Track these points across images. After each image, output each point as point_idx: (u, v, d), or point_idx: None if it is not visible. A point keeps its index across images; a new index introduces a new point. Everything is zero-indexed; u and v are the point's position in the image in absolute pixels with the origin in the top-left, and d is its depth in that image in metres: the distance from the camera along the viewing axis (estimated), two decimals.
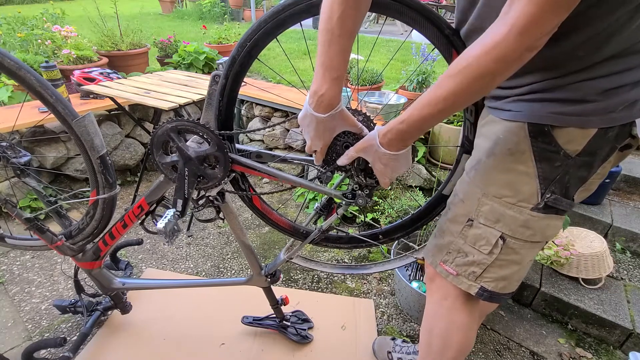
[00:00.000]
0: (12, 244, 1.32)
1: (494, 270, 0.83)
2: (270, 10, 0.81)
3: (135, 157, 2.68)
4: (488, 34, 0.57)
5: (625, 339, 1.54)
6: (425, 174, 2.25)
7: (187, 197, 0.96)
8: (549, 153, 0.71)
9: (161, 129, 0.89)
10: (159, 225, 0.94)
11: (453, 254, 0.88)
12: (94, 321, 1.46)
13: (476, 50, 0.58)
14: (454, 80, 0.61)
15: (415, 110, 0.67)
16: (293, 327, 1.52)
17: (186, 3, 8.47)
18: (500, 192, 0.78)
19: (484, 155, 0.80)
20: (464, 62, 0.59)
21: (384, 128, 0.74)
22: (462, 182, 0.87)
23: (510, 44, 0.54)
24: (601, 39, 0.62)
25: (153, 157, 0.94)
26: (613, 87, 0.65)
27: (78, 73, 2.41)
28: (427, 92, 0.65)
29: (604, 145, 0.70)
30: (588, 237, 1.79)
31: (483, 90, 0.63)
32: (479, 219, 0.82)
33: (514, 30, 0.53)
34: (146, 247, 2.08)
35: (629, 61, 0.64)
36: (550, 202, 0.75)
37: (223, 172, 0.94)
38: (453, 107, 0.64)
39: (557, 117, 0.68)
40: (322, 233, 1.06)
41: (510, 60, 0.57)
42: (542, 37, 0.55)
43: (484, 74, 0.58)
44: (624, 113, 0.66)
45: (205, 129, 0.87)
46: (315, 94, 0.71)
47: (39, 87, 0.94)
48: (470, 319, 0.94)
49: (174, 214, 0.97)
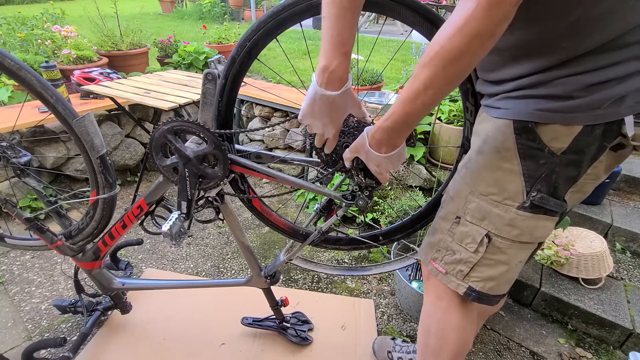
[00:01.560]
0: (12, 244, 1.32)
1: (481, 270, 0.83)
2: (269, 10, 0.81)
3: (135, 157, 2.68)
4: (456, 12, 0.55)
5: (625, 339, 1.54)
6: (425, 174, 2.25)
7: (191, 198, 0.95)
8: (534, 150, 0.71)
9: (157, 132, 0.89)
10: (164, 228, 0.92)
11: (442, 252, 0.88)
12: (94, 321, 1.46)
13: (446, 32, 0.56)
14: (428, 68, 0.59)
15: (398, 107, 0.65)
16: (293, 328, 1.52)
17: (186, 3, 8.47)
18: (487, 190, 0.78)
19: (474, 153, 0.80)
20: (436, 47, 0.57)
21: (372, 128, 0.73)
22: (454, 180, 0.87)
23: (480, 18, 0.53)
24: (584, 28, 0.61)
25: (153, 160, 0.94)
26: (597, 82, 0.63)
27: (78, 73, 2.41)
28: (406, 86, 0.64)
29: (591, 144, 0.69)
30: (588, 237, 1.79)
31: (461, 74, 0.61)
32: (465, 216, 0.82)
33: (482, 3, 0.52)
34: (146, 247, 2.08)
35: (614, 55, 0.62)
36: (537, 201, 0.74)
37: (223, 170, 0.93)
38: (435, 97, 0.62)
39: (542, 113, 0.68)
40: (322, 234, 1.06)
41: (484, 36, 0.54)
42: (512, 8, 0.54)
43: (459, 55, 0.56)
44: (609, 110, 0.64)
45: (201, 127, 0.87)
46: (326, 69, 0.68)
47: (39, 88, 0.94)
48: (465, 320, 0.93)
49: (179, 216, 0.96)
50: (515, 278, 0.89)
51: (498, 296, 0.87)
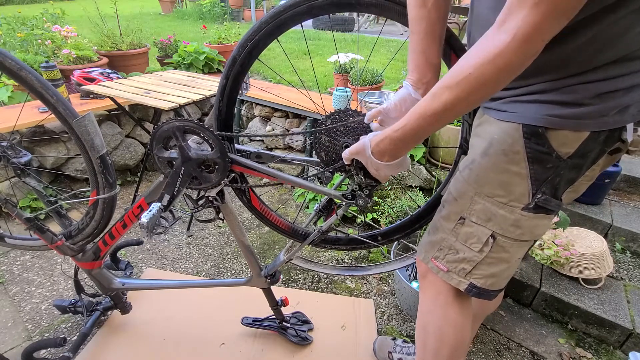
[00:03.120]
0: (12, 244, 1.32)
1: (484, 268, 0.85)
2: (271, 10, 0.81)
3: (135, 157, 2.68)
4: (487, 43, 0.58)
5: (625, 339, 1.54)
6: (425, 174, 2.25)
7: (176, 194, 0.96)
8: (542, 155, 0.72)
9: (168, 125, 0.89)
10: (142, 219, 0.91)
11: (444, 251, 0.89)
12: (94, 321, 1.46)
13: (476, 60, 0.58)
14: (452, 91, 0.61)
15: (411, 120, 0.68)
16: (293, 328, 1.51)
17: (186, 3, 8.47)
18: (493, 191, 0.79)
19: (478, 155, 0.80)
20: (464, 73, 0.60)
21: (378, 136, 0.75)
22: (456, 180, 0.88)
23: (513, 51, 0.55)
24: (601, 44, 0.63)
25: (151, 148, 0.94)
26: (608, 91, 0.65)
27: (78, 73, 2.41)
28: (424, 102, 0.66)
29: (594, 148, 0.71)
30: (588, 237, 1.79)
31: (483, 99, 0.64)
32: (471, 217, 0.83)
33: (517, 38, 0.54)
34: (146, 247, 2.08)
35: (625, 67, 0.64)
36: (541, 203, 0.76)
37: (219, 177, 0.94)
38: (451, 117, 0.65)
39: (553, 119, 0.68)
40: (322, 234, 1.06)
41: (514, 68, 0.57)
42: (544, 43, 0.56)
43: (487, 83, 0.59)
44: (615, 117, 0.67)
45: (210, 132, 0.88)
46: (420, 81, 0.80)
47: (40, 88, 0.94)
48: (463, 316, 0.94)
49: (159, 208, 0.95)
50: (513, 273, 0.91)
51: (497, 291, 0.89)
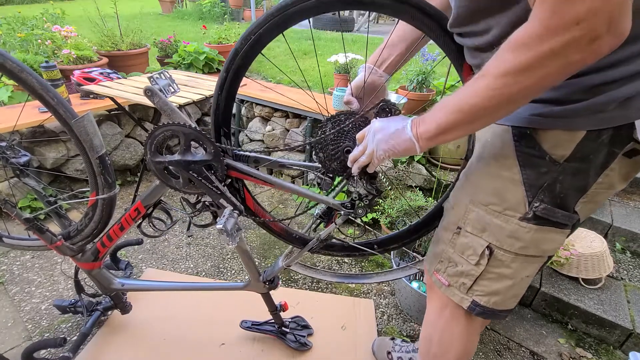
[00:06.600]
0: (11, 244, 1.32)
1: (484, 284, 0.79)
2: (278, 4, 0.77)
3: (135, 157, 2.68)
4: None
5: (625, 339, 1.54)
6: (425, 174, 2.25)
7: (222, 192, 0.92)
8: (534, 158, 0.67)
9: (184, 127, 0.87)
10: (219, 226, 0.87)
11: (445, 263, 0.85)
12: (94, 321, 1.46)
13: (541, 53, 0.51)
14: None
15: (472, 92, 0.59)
16: (292, 333, 1.49)
17: (186, 3, 8.46)
18: (487, 199, 0.74)
19: (474, 160, 0.77)
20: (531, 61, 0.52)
21: (419, 118, 0.67)
22: (455, 188, 0.85)
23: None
24: None
25: (146, 153, 0.92)
26: (599, 83, 0.59)
27: (78, 73, 2.41)
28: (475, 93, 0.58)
29: (598, 150, 0.64)
30: (588, 237, 1.79)
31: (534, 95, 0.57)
32: (466, 227, 0.79)
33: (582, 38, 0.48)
34: (146, 247, 2.08)
35: (615, 54, 0.55)
36: (540, 212, 0.69)
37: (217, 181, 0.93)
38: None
39: (540, 119, 0.64)
40: (321, 242, 1.04)
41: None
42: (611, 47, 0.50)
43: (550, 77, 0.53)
44: (616, 113, 0.60)
45: (211, 142, 0.87)
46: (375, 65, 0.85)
47: (40, 90, 0.94)
48: (469, 331, 0.91)
49: (232, 211, 0.92)
50: (523, 293, 0.83)
51: (504, 311, 0.83)
